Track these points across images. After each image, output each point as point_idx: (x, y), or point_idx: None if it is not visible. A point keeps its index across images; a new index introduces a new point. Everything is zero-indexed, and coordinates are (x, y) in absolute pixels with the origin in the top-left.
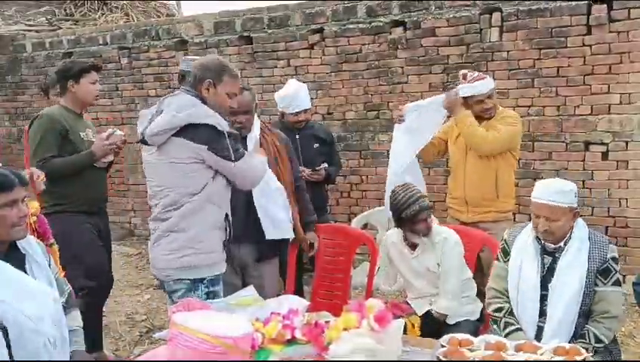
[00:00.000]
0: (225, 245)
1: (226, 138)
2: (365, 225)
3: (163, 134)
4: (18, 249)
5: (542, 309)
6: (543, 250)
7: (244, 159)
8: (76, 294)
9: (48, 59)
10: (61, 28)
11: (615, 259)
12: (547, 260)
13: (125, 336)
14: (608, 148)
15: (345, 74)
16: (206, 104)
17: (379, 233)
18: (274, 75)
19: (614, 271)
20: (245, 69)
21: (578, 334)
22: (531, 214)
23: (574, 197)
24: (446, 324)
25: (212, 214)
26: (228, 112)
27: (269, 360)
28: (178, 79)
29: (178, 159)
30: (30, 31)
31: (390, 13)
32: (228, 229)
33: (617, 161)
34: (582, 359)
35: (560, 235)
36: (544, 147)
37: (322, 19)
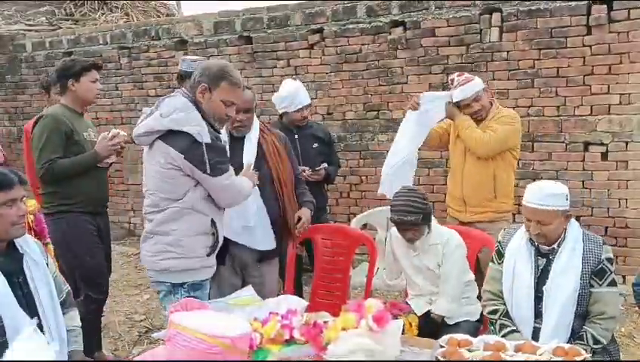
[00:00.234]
0: (212, 251)
1: (204, 149)
2: (365, 226)
3: (147, 136)
4: (16, 248)
5: (537, 311)
6: (537, 252)
7: (226, 175)
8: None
9: (48, 58)
10: (61, 27)
11: (610, 260)
12: (541, 262)
13: (124, 336)
14: (608, 148)
15: (345, 74)
16: (200, 108)
17: (378, 233)
18: (274, 75)
19: (609, 272)
20: (245, 69)
21: (575, 335)
22: (523, 217)
23: (566, 200)
24: (445, 325)
25: (195, 221)
26: (223, 120)
27: (268, 360)
28: (177, 79)
29: (159, 163)
30: (30, 30)
31: (390, 13)
32: (215, 235)
33: (617, 162)
34: (581, 359)
35: (553, 238)
36: (544, 147)
37: (322, 19)
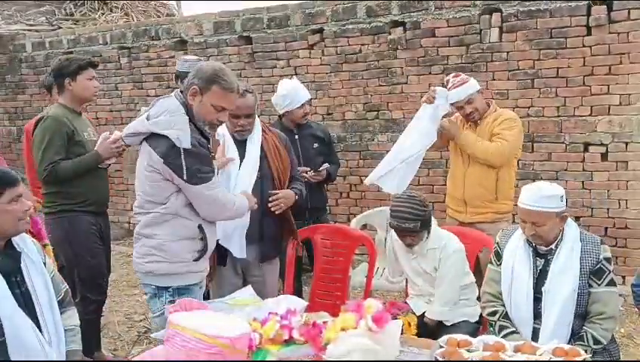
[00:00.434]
0: (201, 256)
1: (181, 155)
2: (364, 226)
3: (133, 137)
4: (13, 247)
5: (537, 311)
6: (535, 253)
7: (206, 185)
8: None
9: (48, 58)
10: (61, 27)
11: (608, 259)
12: (539, 262)
13: (124, 336)
14: (608, 149)
15: (344, 74)
16: (191, 111)
17: (378, 233)
18: (273, 75)
19: (608, 272)
20: (245, 69)
21: (575, 336)
22: (519, 218)
23: (560, 201)
24: (443, 326)
25: (179, 226)
26: (214, 125)
27: (267, 361)
28: (174, 79)
29: (143, 165)
30: (30, 30)
31: (390, 13)
32: (204, 240)
33: (617, 162)
34: (581, 359)
35: (548, 239)
36: (544, 148)
37: (322, 19)
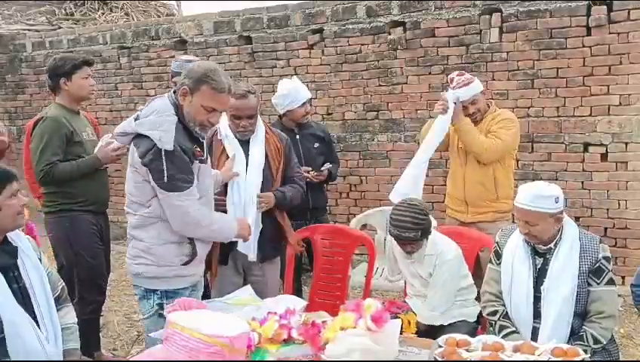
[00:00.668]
0: (190, 260)
1: (161, 157)
2: (364, 226)
3: (122, 136)
4: (9, 242)
5: (536, 311)
6: (534, 252)
7: (179, 194)
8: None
9: (48, 58)
10: (61, 27)
11: (607, 258)
12: (538, 261)
13: (123, 336)
14: (607, 149)
15: (344, 74)
16: (182, 111)
17: (377, 234)
18: (273, 75)
19: (607, 271)
20: (245, 69)
21: (574, 335)
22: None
23: (555, 203)
24: (442, 325)
25: (165, 229)
26: (205, 127)
27: (266, 360)
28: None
29: (130, 165)
30: (30, 30)
31: (390, 13)
32: (192, 244)
33: (616, 163)
34: (580, 359)
35: (542, 238)
36: (543, 148)
37: (322, 19)
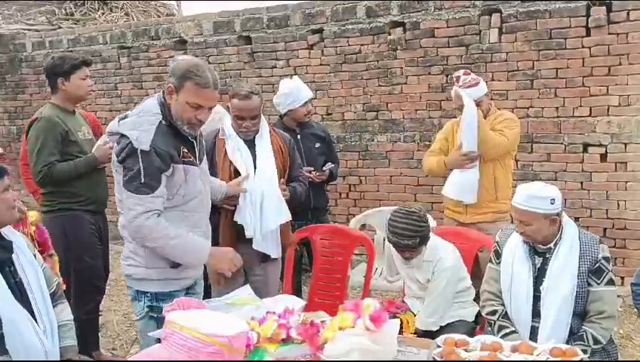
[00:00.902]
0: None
1: (136, 156)
2: (363, 226)
3: (111, 135)
4: (4, 237)
5: (536, 310)
6: (534, 251)
7: (139, 198)
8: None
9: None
10: (61, 27)
11: (607, 259)
12: (538, 261)
13: (122, 335)
14: (607, 149)
15: (344, 74)
16: (170, 111)
17: (377, 234)
18: (273, 75)
19: (607, 271)
20: (244, 69)
21: (574, 334)
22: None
23: (550, 204)
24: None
25: None
26: (193, 125)
27: (265, 360)
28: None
29: (112, 166)
30: (30, 30)
31: (389, 13)
32: None
33: (616, 163)
34: (578, 360)
35: (537, 239)
36: (543, 148)
37: (322, 19)
